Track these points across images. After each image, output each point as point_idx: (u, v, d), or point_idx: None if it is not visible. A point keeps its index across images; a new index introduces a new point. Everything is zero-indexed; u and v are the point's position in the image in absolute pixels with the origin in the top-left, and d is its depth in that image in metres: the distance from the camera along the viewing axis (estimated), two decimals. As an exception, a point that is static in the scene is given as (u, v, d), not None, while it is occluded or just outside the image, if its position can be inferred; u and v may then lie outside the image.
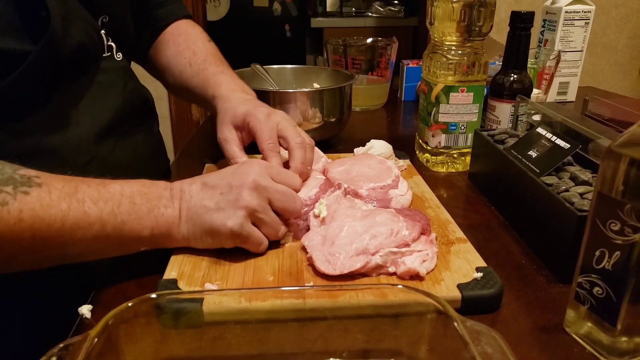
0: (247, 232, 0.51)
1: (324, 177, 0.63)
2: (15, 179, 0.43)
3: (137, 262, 0.53)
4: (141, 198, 0.49)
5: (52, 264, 0.47)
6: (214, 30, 2.64)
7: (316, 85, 0.96)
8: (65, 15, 0.53)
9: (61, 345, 0.32)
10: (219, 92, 0.70)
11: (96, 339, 0.33)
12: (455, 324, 0.35)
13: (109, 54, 0.63)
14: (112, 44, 0.63)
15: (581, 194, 0.51)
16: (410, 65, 1.21)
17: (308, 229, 0.56)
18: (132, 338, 0.36)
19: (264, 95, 0.86)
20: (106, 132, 0.61)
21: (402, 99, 1.25)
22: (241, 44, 2.84)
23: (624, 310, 0.38)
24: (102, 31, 0.61)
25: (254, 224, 0.52)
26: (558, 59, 1.02)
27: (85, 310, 0.47)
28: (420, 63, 1.21)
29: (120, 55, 0.65)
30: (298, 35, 2.97)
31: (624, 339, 0.39)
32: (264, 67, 0.96)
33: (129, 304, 0.36)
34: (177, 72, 0.76)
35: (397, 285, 0.39)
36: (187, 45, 0.77)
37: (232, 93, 0.69)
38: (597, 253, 0.39)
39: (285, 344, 0.41)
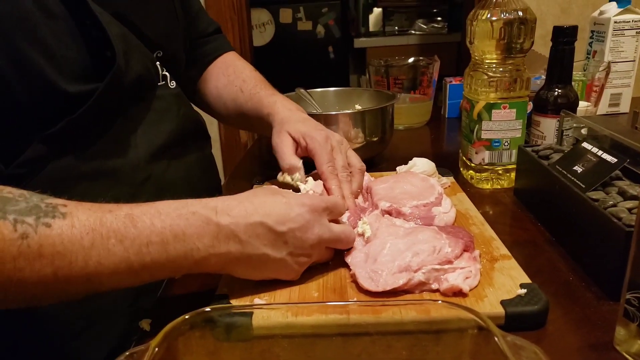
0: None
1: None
2: (39, 208, 0.41)
3: (191, 279, 0.56)
4: (175, 236, 0.45)
5: (81, 297, 0.46)
6: (259, 55, 2.73)
7: (358, 107, 0.99)
8: (126, 51, 0.58)
9: (127, 353, 0.35)
10: (275, 109, 0.74)
11: (156, 349, 0.35)
12: (496, 338, 0.35)
13: (164, 82, 0.68)
14: (166, 73, 0.68)
15: (630, 209, 0.50)
16: (453, 83, 1.21)
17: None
18: (189, 349, 0.38)
19: (308, 118, 0.89)
20: (160, 153, 0.65)
21: (446, 116, 1.25)
22: (286, 67, 2.91)
23: (674, 327, 0.37)
24: (157, 62, 0.66)
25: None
26: (608, 70, 0.99)
27: (145, 324, 0.51)
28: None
29: (174, 83, 0.70)
30: (341, 57, 3.01)
31: (675, 356, 0.38)
32: (308, 90, 0.99)
33: (186, 317, 0.38)
34: (229, 100, 0.81)
35: (438, 301, 0.40)
36: (237, 75, 0.82)
37: (288, 111, 0.73)
38: (644, 269, 0.38)
39: (330, 358, 0.42)
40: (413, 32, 2.96)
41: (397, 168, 0.80)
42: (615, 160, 0.55)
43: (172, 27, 0.72)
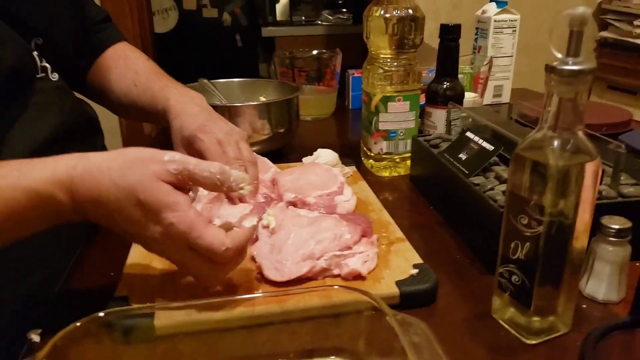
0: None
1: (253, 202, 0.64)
2: None
3: (89, 281, 0.54)
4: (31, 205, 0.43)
5: None
6: (162, 43, 2.62)
7: (262, 99, 0.99)
8: None
9: None
10: (169, 105, 0.71)
11: None
12: (387, 317, 0.38)
13: (44, 74, 0.62)
14: (47, 64, 0.63)
15: (504, 192, 0.56)
16: (356, 75, 1.25)
17: (255, 240, 0.59)
18: (83, 357, 0.37)
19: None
20: (42, 151, 0.58)
21: (350, 107, 1.29)
22: (192, 55, 2.83)
23: (535, 294, 0.42)
24: (35, 52, 0.61)
25: None
26: (490, 64, 1.08)
27: (34, 335, 0.47)
28: (365, 71, 1.26)
29: (57, 75, 0.64)
30: (250, 45, 2.98)
31: (537, 319, 0.44)
32: (211, 81, 0.98)
33: (77, 324, 0.36)
34: (122, 94, 0.77)
35: (334, 286, 0.42)
36: (128, 67, 0.78)
37: (181, 106, 0.70)
38: (512, 245, 0.43)
39: (236, 349, 0.43)
40: (320, 22, 2.99)
41: (303, 159, 0.82)
42: (493, 147, 0.61)
43: (56, 11, 0.66)
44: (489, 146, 0.62)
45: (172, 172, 0.45)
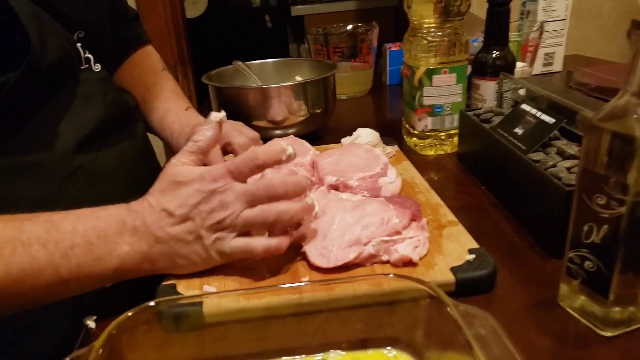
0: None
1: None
2: None
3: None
4: (98, 237, 0.45)
5: (5, 314, 0.45)
6: (193, 28, 2.61)
7: (298, 78, 0.96)
8: (40, 33, 0.53)
9: (68, 358, 0.33)
10: (174, 135, 0.75)
11: (101, 350, 0.34)
12: (448, 309, 0.35)
13: (87, 65, 0.63)
14: (90, 55, 0.63)
15: (568, 168, 0.51)
16: (393, 49, 1.20)
17: (298, 225, 0.56)
18: (136, 346, 0.37)
19: (248, 93, 0.85)
20: (88, 142, 0.61)
21: (387, 83, 1.24)
22: (222, 38, 2.82)
23: (615, 282, 0.38)
24: (78, 44, 0.61)
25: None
26: (541, 30, 1.01)
27: (89, 321, 0.48)
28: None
29: (99, 66, 0.65)
30: (279, 25, 2.94)
31: (617, 309, 0.40)
32: (246, 63, 0.96)
33: (129, 314, 0.36)
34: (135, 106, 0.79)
35: (388, 274, 0.39)
36: (141, 79, 0.81)
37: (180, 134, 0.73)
38: (586, 227, 0.39)
39: (285, 339, 0.41)
40: (350, -3, 2.91)
41: (342, 140, 0.79)
42: (554, 120, 0.56)
43: (96, 3, 0.67)
44: (548, 119, 0.57)
45: (183, 159, 0.50)
